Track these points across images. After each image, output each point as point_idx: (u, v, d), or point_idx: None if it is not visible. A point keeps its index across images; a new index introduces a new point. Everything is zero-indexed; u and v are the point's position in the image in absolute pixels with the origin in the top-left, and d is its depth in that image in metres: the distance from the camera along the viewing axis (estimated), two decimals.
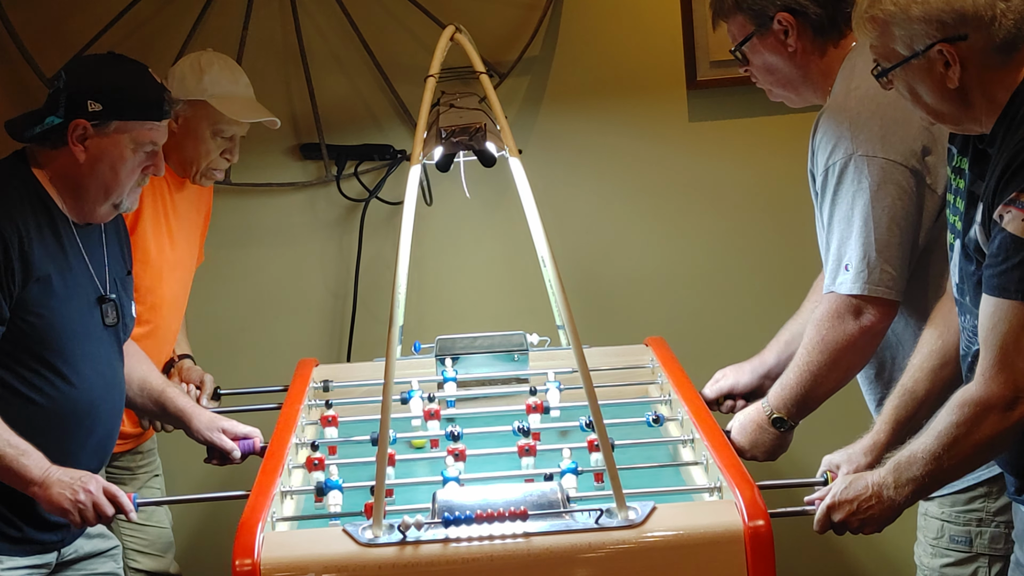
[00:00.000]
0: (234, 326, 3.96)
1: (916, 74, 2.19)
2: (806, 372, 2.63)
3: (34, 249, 2.57)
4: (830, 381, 2.63)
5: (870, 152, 2.55)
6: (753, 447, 2.73)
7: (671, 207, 3.98)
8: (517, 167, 2.61)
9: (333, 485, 2.49)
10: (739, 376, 3.03)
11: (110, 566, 2.86)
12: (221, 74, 3.25)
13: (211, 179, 3.30)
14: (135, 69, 2.70)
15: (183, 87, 3.20)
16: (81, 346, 2.65)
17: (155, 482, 3.43)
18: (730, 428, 2.78)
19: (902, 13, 2.15)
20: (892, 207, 2.54)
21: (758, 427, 2.71)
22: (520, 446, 2.68)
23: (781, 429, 2.69)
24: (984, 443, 2.15)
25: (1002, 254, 2.08)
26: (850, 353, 2.59)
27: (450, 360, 3.19)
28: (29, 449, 2.51)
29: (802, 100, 2.78)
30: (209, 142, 3.22)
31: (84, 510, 2.50)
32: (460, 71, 3.33)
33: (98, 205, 2.67)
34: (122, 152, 2.63)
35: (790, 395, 2.66)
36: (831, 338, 2.58)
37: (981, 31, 2.13)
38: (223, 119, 3.20)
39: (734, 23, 2.73)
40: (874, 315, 2.56)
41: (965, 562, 2.59)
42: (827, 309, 2.60)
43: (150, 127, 2.66)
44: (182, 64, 3.28)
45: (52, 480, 2.50)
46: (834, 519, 2.31)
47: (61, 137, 2.61)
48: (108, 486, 2.54)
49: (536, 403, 2.93)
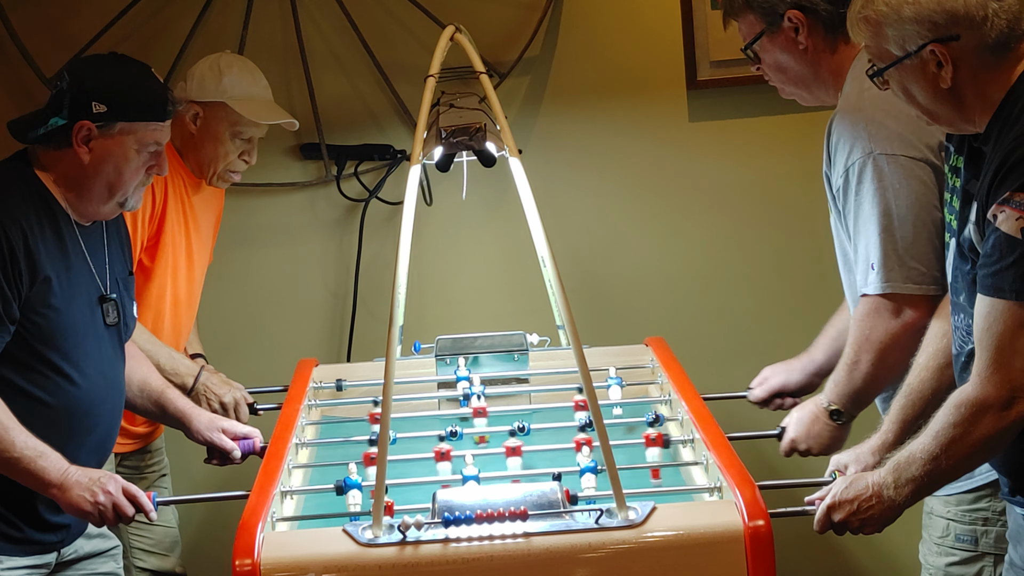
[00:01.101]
0: (234, 326, 3.96)
1: (909, 74, 2.20)
2: (855, 371, 2.64)
3: (39, 249, 2.57)
4: (880, 378, 2.63)
5: (888, 150, 2.54)
6: (809, 439, 2.75)
7: (671, 207, 3.98)
8: (517, 167, 2.61)
9: (353, 484, 2.49)
10: (789, 375, 3.04)
11: (110, 566, 2.86)
12: (241, 76, 3.26)
13: (228, 181, 3.31)
14: (139, 70, 2.70)
15: (202, 89, 3.21)
16: (83, 345, 2.65)
17: (163, 482, 3.43)
18: (785, 424, 2.80)
19: (894, 14, 2.16)
20: (915, 203, 2.54)
21: (815, 419, 2.73)
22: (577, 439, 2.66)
23: (839, 421, 2.70)
24: (981, 443, 2.15)
25: (996, 254, 2.08)
26: (895, 350, 2.58)
27: (463, 360, 3.19)
28: (47, 451, 2.51)
29: (813, 98, 2.78)
30: (228, 144, 3.23)
31: (104, 511, 2.50)
32: (460, 71, 3.33)
33: (102, 204, 2.68)
34: (126, 153, 2.64)
35: (843, 391, 2.68)
36: (875, 336, 2.59)
37: (973, 31, 2.13)
38: (242, 121, 3.21)
39: (744, 22, 2.73)
40: (911, 312, 2.55)
41: (970, 561, 2.60)
42: (865, 309, 2.60)
43: (154, 127, 2.66)
44: (201, 66, 3.27)
45: (71, 482, 2.50)
46: (834, 519, 2.31)
47: (65, 138, 2.61)
48: (128, 486, 2.53)
49: (582, 401, 2.93)
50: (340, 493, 2.49)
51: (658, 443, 2.71)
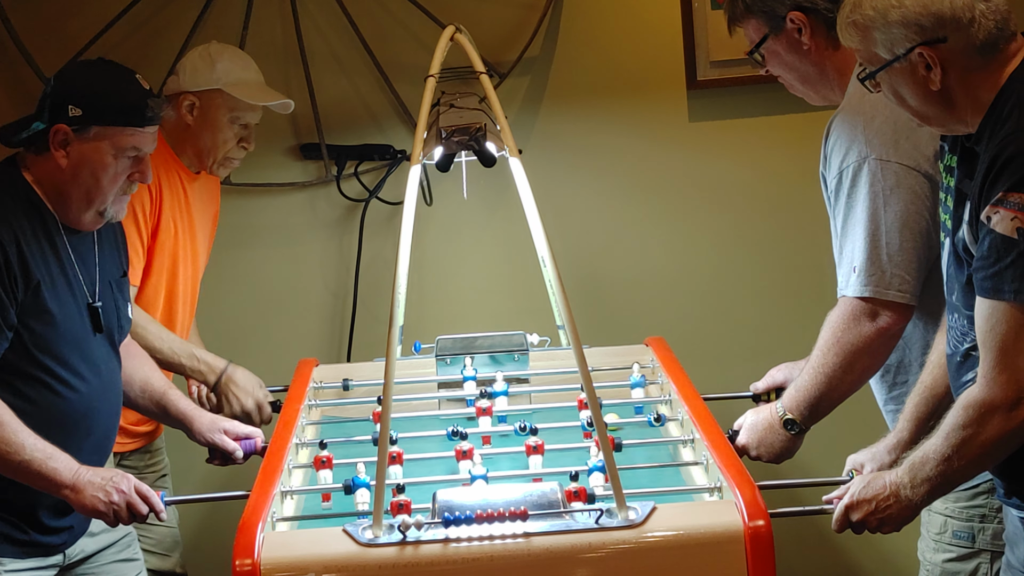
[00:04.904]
0: (234, 326, 3.96)
1: (899, 77, 2.20)
2: (820, 374, 2.62)
3: (31, 254, 2.56)
4: (844, 384, 2.62)
5: (884, 156, 2.55)
6: (760, 447, 2.73)
7: (671, 207, 3.98)
8: (517, 167, 2.61)
9: (361, 483, 2.49)
10: (793, 373, 3.03)
11: (128, 552, 2.87)
12: (232, 62, 3.27)
13: (228, 168, 3.33)
14: (120, 74, 2.66)
15: (195, 78, 3.21)
16: (77, 350, 2.64)
17: (163, 481, 3.43)
18: (737, 427, 2.78)
19: (881, 18, 2.17)
20: (904, 212, 2.54)
21: (769, 427, 2.71)
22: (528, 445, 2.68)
23: (792, 431, 2.68)
24: (991, 444, 2.15)
25: (993, 255, 2.08)
26: (864, 355, 2.58)
27: (469, 359, 3.19)
28: (56, 452, 2.50)
29: (820, 98, 2.78)
30: (227, 130, 3.24)
31: (119, 511, 2.50)
32: (460, 71, 3.33)
33: (82, 213, 2.64)
34: (103, 158, 2.60)
35: (803, 397, 2.65)
36: (846, 340, 2.58)
37: (960, 33, 2.14)
38: (240, 105, 3.23)
39: (749, 26, 2.74)
40: (888, 318, 2.55)
41: (967, 558, 2.60)
42: (841, 312, 2.60)
43: (131, 132, 2.61)
44: (192, 56, 3.28)
45: (84, 482, 2.50)
46: (852, 519, 2.31)
47: (45, 142, 2.60)
48: (140, 485, 2.53)
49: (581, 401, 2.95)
50: (348, 492, 2.49)
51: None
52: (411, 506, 2.33)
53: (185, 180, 3.27)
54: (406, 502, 2.32)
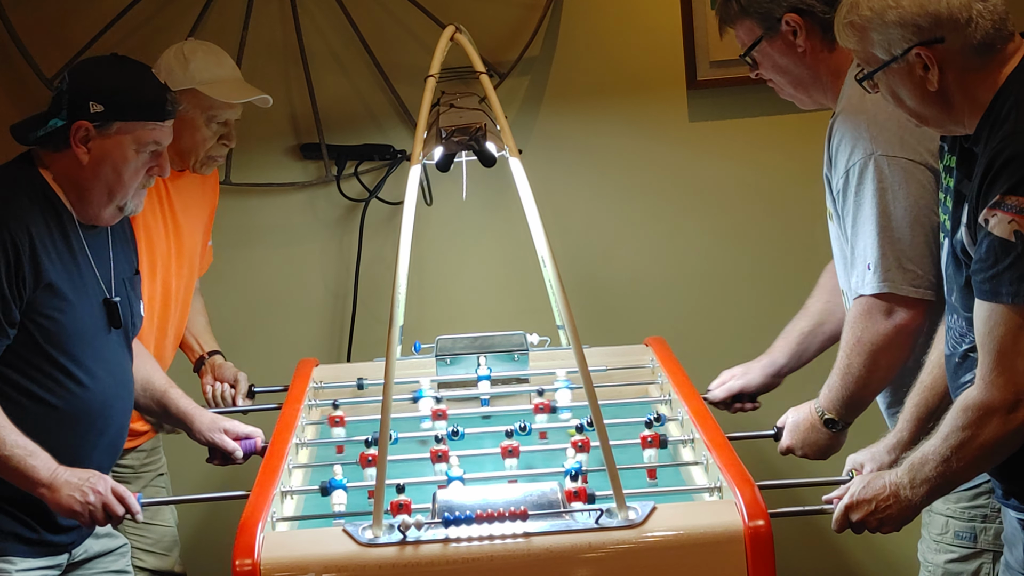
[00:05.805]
0: (234, 326, 3.96)
1: (896, 78, 2.21)
2: (848, 375, 2.63)
3: (45, 252, 2.57)
4: (873, 381, 2.62)
5: (889, 152, 2.54)
6: (804, 446, 2.75)
7: (671, 207, 3.98)
8: (517, 167, 2.61)
9: (337, 484, 2.50)
10: (749, 377, 3.03)
11: (120, 564, 2.86)
12: (206, 60, 3.22)
13: (211, 166, 3.30)
14: (137, 70, 2.70)
15: (170, 79, 3.18)
16: (91, 347, 2.65)
17: (160, 481, 3.42)
18: (781, 424, 2.79)
19: (878, 18, 2.17)
20: (914, 206, 2.53)
21: (811, 427, 2.72)
22: (504, 447, 2.67)
23: (834, 430, 2.70)
24: (989, 446, 2.15)
25: (991, 258, 2.08)
26: (886, 352, 2.58)
27: (483, 358, 3.19)
28: (36, 450, 2.51)
29: (812, 102, 2.78)
30: (204, 130, 3.21)
31: (94, 511, 2.50)
32: (460, 71, 3.33)
33: (102, 208, 2.67)
34: (124, 153, 2.64)
35: (837, 397, 2.66)
36: (866, 339, 2.58)
37: (957, 33, 2.14)
38: (216, 104, 3.19)
39: (742, 28, 2.72)
40: (904, 314, 2.55)
41: (969, 558, 2.60)
42: (858, 310, 2.60)
43: (152, 127, 2.65)
44: (166, 56, 3.25)
45: (60, 482, 2.50)
46: (852, 519, 2.31)
47: (64, 139, 2.62)
48: (116, 486, 2.54)
49: (543, 403, 2.94)
50: (325, 494, 2.50)
51: (655, 444, 2.70)
52: (411, 506, 2.32)
53: (167, 179, 3.24)
54: (406, 502, 2.32)
